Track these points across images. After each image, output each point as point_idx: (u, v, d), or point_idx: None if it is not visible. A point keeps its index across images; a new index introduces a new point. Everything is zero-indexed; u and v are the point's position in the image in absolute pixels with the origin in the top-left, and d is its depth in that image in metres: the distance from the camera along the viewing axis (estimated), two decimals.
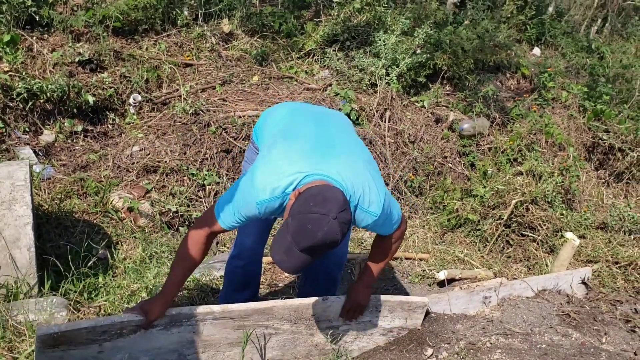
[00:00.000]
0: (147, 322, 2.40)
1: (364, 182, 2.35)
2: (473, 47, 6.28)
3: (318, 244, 2.06)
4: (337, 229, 2.06)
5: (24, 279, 3.04)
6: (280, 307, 2.67)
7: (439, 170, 5.48)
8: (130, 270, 3.50)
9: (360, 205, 2.33)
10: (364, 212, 2.35)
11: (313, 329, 2.80)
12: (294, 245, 2.07)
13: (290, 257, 2.10)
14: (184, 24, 5.80)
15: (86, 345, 2.32)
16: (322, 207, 2.06)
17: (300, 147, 2.37)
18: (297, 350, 2.81)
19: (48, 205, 3.84)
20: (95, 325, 2.32)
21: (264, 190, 2.24)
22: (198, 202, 4.49)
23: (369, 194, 2.34)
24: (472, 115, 5.99)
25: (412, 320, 3.00)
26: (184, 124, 4.85)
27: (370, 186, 2.36)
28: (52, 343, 2.25)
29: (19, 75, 4.55)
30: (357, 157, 2.45)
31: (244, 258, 3.00)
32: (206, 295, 3.42)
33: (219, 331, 2.59)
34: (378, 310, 2.90)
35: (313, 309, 2.75)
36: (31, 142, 4.42)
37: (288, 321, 2.72)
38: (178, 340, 2.52)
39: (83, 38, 5.26)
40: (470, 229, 4.80)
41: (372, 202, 2.34)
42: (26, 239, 3.04)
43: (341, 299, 2.81)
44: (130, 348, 2.42)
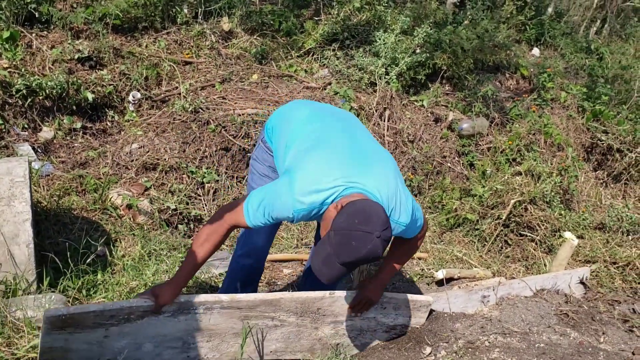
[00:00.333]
0: (156, 306, 2.42)
1: (395, 195, 2.41)
2: (472, 47, 6.29)
3: (360, 259, 2.14)
4: (379, 246, 2.13)
5: (23, 275, 3.03)
6: (287, 299, 2.68)
7: (437, 170, 5.49)
8: (129, 267, 3.50)
9: (392, 216, 2.40)
10: (394, 223, 2.41)
11: (318, 322, 2.80)
12: (335, 257, 2.14)
13: (329, 269, 2.17)
14: (183, 22, 5.80)
15: (93, 328, 2.34)
16: (367, 225, 2.12)
17: (337, 157, 2.41)
18: (300, 343, 2.82)
19: (47, 202, 3.83)
20: (103, 309, 2.33)
21: (302, 199, 2.29)
22: (197, 199, 4.49)
23: (400, 205, 2.41)
24: (472, 115, 6.00)
25: (415, 319, 3.01)
26: (183, 122, 4.85)
27: (401, 197, 2.43)
28: (59, 325, 2.27)
29: (19, 72, 4.54)
30: (387, 167, 2.50)
31: (253, 256, 3.03)
32: (204, 292, 3.42)
33: (225, 321, 2.60)
34: (383, 307, 2.90)
35: (320, 302, 2.75)
36: (30, 138, 4.41)
37: (294, 314, 2.72)
38: (184, 328, 2.54)
39: (82, 35, 5.25)
40: (468, 229, 4.81)
41: (402, 213, 2.42)
42: (25, 235, 3.04)
43: (349, 294, 2.81)
44: (136, 334, 2.44)
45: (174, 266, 3.59)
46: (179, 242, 3.99)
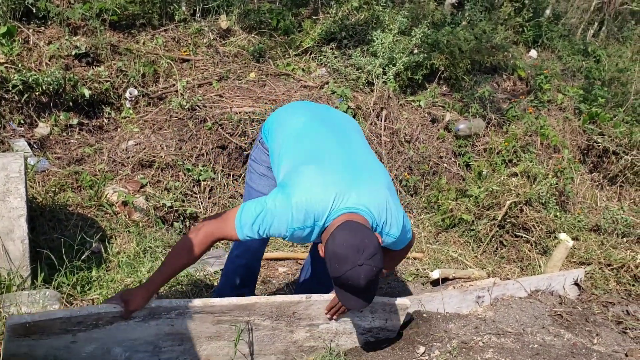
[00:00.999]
0: (126, 312, 2.35)
1: (387, 208, 2.46)
2: (470, 48, 6.29)
3: (367, 288, 2.29)
4: (370, 267, 2.25)
5: (17, 271, 3.03)
6: (262, 304, 2.65)
7: (434, 170, 5.49)
8: (123, 264, 3.49)
9: (383, 229, 2.47)
10: (385, 235, 2.49)
11: (293, 326, 2.79)
12: (353, 299, 2.37)
13: (359, 301, 2.38)
14: (181, 19, 5.79)
15: (59, 335, 2.28)
16: (346, 263, 2.24)
17: (331, 174, 2.45)
18: (274, 346, 2.80)
19: (42, 198, 3.82)
20: (70, 315, 2.28)
21: (298, 218, 2.33)
22: (193, 197, 4.48)
23: (391, 219, 2.47)
24: (468, 115, 6.01)
25: (392, 322, 2.98)
26: (180, 119, 4.84)
27: (392, 212, 2.48)
28: (23, 332, 2.20)
29: (15, 67, 4.53)
30: (380, 182, 2.54)
31: (248, 257, 3.03)
32: (200, 290, 3.42)
33: (198, 325, 2.56)
34: (360, 311, 2.89)
35: (295, 306, 2.74)
36: (26, 134, 4.40)
37: (269, 317, 2.71)
38: (155, 333, 2.49)
39: (80, 31, 5.23)
40: (464, 229, 4.82)
41: (392, 226, 2.48)
42: (20, 231, 3.03)
43: (325, 297, 2.80)
44: (105, 339, 2.39)
45: None
46: (174, 239, 3.98)
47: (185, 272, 3.51)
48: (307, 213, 2.33)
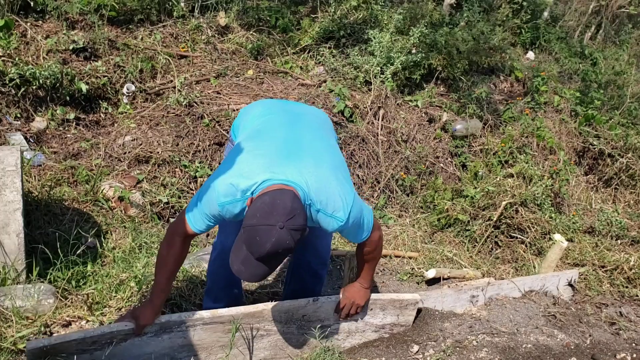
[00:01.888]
0: (138, 328, 2.44)
1: (328, 188, 2.35)
2: (468, 48, 6.30)
3: (270, 253, 2.11)
4: (286, 237, 2.10)
5: (12, 264, 3.03)
6: (270, 310, 2.69)
7: (430, 170, 5.50)
8: (119, 259, 3.49)
9: (323, 210, 2.35)
10: (329, 217, 2.36)
11: (304, 328, 2.82)
12: (250, 255, 2.13)
13: (248, 267, 2.16)
14: (180, 15, 5.78)
15: (77, 355, 2.33)
16: (269, 218, 2.10)
17: (265, 151, 2.40)
18: (289, 349, 2.82)
19: (38, 192, 3.82)
20: (84, 336, 2.34)
21: (224, 193, 2.28)
22: (189, 193, 4.47)
23: (334, 199, 2.35)
24: (465, 116, 6.02)
25: (404, 317, 3.02)
26: (177, 116, 4.84)
27: (335, 191, 2.36)
28: (42, 356, 2.26)
29: (12, 61, 4.52)
30: (323, 161, 2.45)
31: (225, 258, 2.98)
32: (195, 286, 3.41)
33: (210, 335, 2.61)
34: (370, 308, 2.92)
35: (304, 310, 2.77)
36: (22, 128, 4.39)
37: (279, 322, 2.74)
38: (169, 346, 2.54)
39: (78, 26, 5.23)
40: (459, 229, 4.83)
41: (336, 208, 2.35)
42: (15, 224, 3.03)
43: (332, 298, 2.83)
44: (122, 355, 2.44)
45: None
46: None
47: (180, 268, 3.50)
48: (231, 188, 2.27)
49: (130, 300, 3.13)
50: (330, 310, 2.84)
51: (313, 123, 2.75)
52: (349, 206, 2.37)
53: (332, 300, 2.84)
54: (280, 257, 2.18)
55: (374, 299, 2.92)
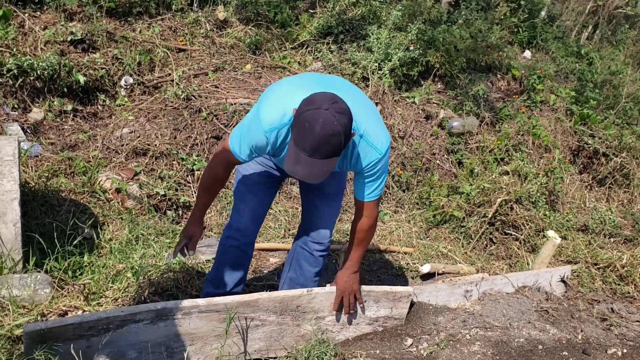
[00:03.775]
0: (193, 244, 2.79)
1: (372, 117, 2.40)
2: (466, 46, 6.33)
3: (320, 138, 2.10)
4: (333, 118, 2.10)
5: (9, 254, 3.04)
6: (265, 300, 2.71)
7: (426, 167, 5.53)
8: (116, 250, 3.50)
9: (366, 137, 2.36)
10: (370, 146, 2.38)
11: (299, 320, 2.83)
12: (301, 152, 2.14)
13: (302, 165, 2.16)
14: (178, 9, 5.78)
15: (73, 340, 2.34)
16: (312, 104, 2.13)
17: (305, 85, 2.39)
18: (284, 341, 2.84)
19: (35, 182, 3.82)
20: (81, 321, 2.35)
21: (271, 118, 2.32)
22: (186, 186, 4.49)
23: (376, 129, 2.39)
24: (462, 113, 6.05)
25: (397, 310, 3.05)
26: (175, 109, 4.85)
27: (379, 125, 2.42)
28: (39, 339, 2.27)
29: (10, 52, 4.52)
30: (365, 100, 2.52)
31: (239, 238, 2.96)
32: (191, 278, 3.43)
33: (206, 324, 2.62)
34: (364, 300, 2.94)
35: (298, 300, 2.79)
36: (20, 119, 4.39)
37: (274, 313, 2.75)
38: (165, 334, 2.55)
39: (76, 17, 5.22)
40: (455, 226, 4.86)
41: (379, 140, 2.38)
42: (13, 214, 3.04)
43: (326, 290, 2.85)
44: (118, 342, 2.45)
45: (161, 251, 3.60)
46: (167, 227, 3.99)
47: (177, 259, 3.52)
48: (278, 112, 2.30)
49: (127, 291, 3.15)
50: (325, 302, 2.85)
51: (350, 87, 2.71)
52: (387, 142, 2.41)
53: (326, 291, 2.85)
54: (329, 146, 2.13)
55: (367, 290, 2.94)
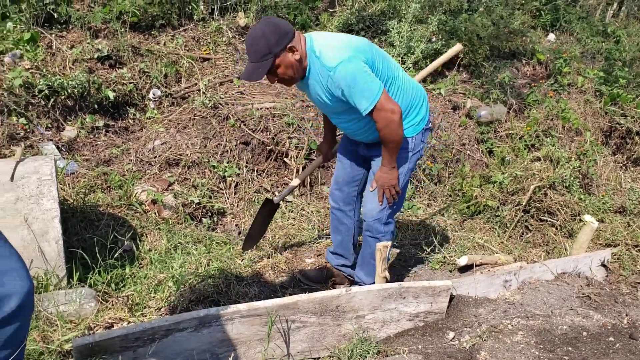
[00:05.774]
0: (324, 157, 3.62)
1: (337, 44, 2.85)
2: (488, 34, 6.27)
3: (248, 42, 2.75)
4: (260, 26, 2.74)
5: (53, 271, 3.11)
6: (304, 301, 2.74)
7: (457, 158, 5.50)
8: (156, 260, 3.57)
9: (320, 57, 2.82)
10: (322, 66, 2.82)
11: (339, 319, 2.86)
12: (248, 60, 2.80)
13: (245, 69, 2.79)
14: (200, 19, 5.85)
15: (121, 352, 2.40)
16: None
17: None
18: (325, 341, 2.87)
19: (73, 199, 3.92)
20: (127, 333, 2.41)
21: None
22: (219, 193, 4.55)
23: (331, 52, 2.81)
24: (489, 102, 5.99)
25: (437, 305, 3.05)
26: (203, 118, 4.91)
27: (340, 48, 2.82)
28: (88, 353, 2.34)
29: (40, 72, 4.63)
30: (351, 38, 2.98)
31: (330, 202, 3.61)
32: (230, 283, 3.48)
33: (248, 328, 2.66)
34: (403, 297, 2.95)
35: (337, 300, 2.82)
36: (54, 138, 4.50)
37: (314, 314, 2.78)
38: (209, 341, 2.60)
39: (101, 34, 5.33)
40: (489, 216, 4.82)
41: (329, 58, 2.80)
42: (54, 231, 3.11)
43: (364, 289, 2.87)
44: (164, 352, 2.50)
45: (200, 258, 3.66)
46: (203, 235, 4.06)
47: (216, 265, 3.59)
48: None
49: (169, 300, 3.21)
50: (364, 300, 2.87)
51: None
52: (340, 60, 2.77)
53: (364, 290, 2.87)
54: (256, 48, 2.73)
55: (406, 286, 2.95)
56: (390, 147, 2.99)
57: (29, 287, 1.75)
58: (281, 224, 4.45)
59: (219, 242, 4.02)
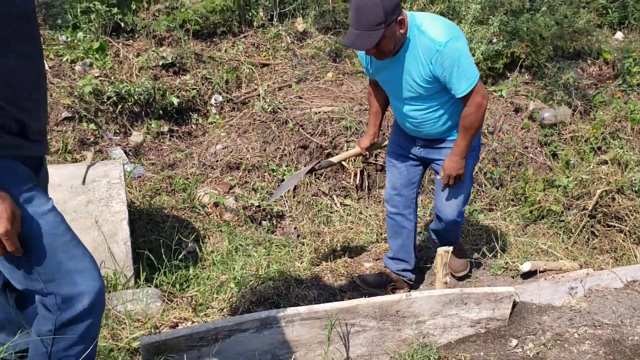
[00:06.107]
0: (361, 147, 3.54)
1: (438, 20, 2.87)
2: (552, 33, 6.10)
3: (359, 9, 2.64)
4: None
5: (122, 271, 3.23)
6: (364, 305, 2.74)
7: (519, 161, 5.37)
8: (218, 262, 3.66)
9: (424, 30, 2.82)
10: (428, 39, 2.80)
11: (399, 324, 2.85)
12: (352, 27, 2.71)
13: (350, 36, 2.71)
14: (259, 25, 5.95)
15: (186, 351, 2.47)
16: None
17: None
18: (385, 345, 2.86)
19: (139, 202, 4.06)
20: (192, 332, 2.48)
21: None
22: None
23: (437, 27, 2.82)
24: (553, 103, 5.83)
25: (499, 311, 2.99)
26: (263, 122, 4.99)
27: (443, 24, 2.85)
28: (155, 351, 2.42)
29: (109, 80, 4.83)
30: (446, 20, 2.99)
31: (387, 207, 3.61)
32: (290, 285, 3.52)
33: (308, 331, 2.69)
34: (464, 303, 2.91)
35: (397, 305, 2.81)
36: (121, 142, 4.68)
37: (373, 318, 2.78)
38: (270, 342, 2.64)
39: (165, 42, 5.50)
40: (553, 220, 4.69)
41: (437, 33, 2.79)
42: (123, 233, 3.24)
43: (424, 294, 2.85)
44: (227, 352, 2.55)
45: (260, 260, 3.72)
46: (263, 237, 4.12)
47: (276, 267, 3.64)
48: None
49: (230, 301, 3.28)
50: (425, 306, 2.85)
51: None
52: (449, 36, 2.78)
53: (425, 295, 2.85)
54: (370, 15, 2.63)
55: (468, 292, 2.91)
56: (469, 135, 3.04)
57: (100, 287, 1.83)
58: (339, 227, 4.47)
59: (278, 245, 4.07)
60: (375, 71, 3.14)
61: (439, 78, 2.88)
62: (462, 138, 3.06)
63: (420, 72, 2.90)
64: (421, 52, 2.84)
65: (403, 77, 2.97)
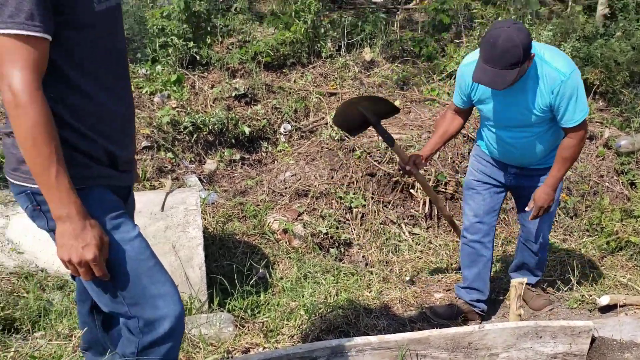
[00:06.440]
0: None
1: (554, 51, 2.95)
2: (627, 59, 5.93)
3: (501, 49, 2.65)
4: (513, 33, 2.65)
5: (197, 295, 3.32)
6: (436, 337, 2.72)
7: (594, 190, 5.20)
8: (287, 288, 3.70)
9: (546, 60, 2.87)
10: (551, 69, 2.85)
11: (471, 356, 2.79)
12: (485, 64, 2.71)
13: (487, 74, 2.71)
14: (328, 56, 6.08)
15: None
16: (496, 25, 2.74)
17: None
18: None
19: (213, 227, 4.18)
20: (264, 358, 2.54)
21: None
22: (346, 224, 4.63)
23: (558, 57, 2.89)
24: (630, 130, 5.63)
25: (577, 346, 2.89)
26: (330, 150, 5.06)
27: (561, 55, 2.93)
28: None
29: (185, 111, 5.03)
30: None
31: (467, 235, 3.54)
32: (359, 313, 3.52)
33: None
34: (539, 336, 2.83)
35: (470, 337, 2.76)
36: (196, 170, 4.85)
37: (445, 350, 2.74)
38: None
39: (238, 74, 5.69)
40: (632, 252, 4.49)
41: (560, 64, 2.86)
42: (198, 258, 3.33)
43: (498, 326, 2.80)
44: None
45: (328, 288, 3.73)
46: (331, 265, 4.14)
47: (345, 296, 3.65)
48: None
49: (300, 328, 3.31)
50: (498, 338, 2.79)
51: None
52: (571, 68, 2.86)
53: (499, 327, 2.79)
54: (510, 55, 2.66)
55: (543, 325, 2.84)
56: (565, 167, 3.10)
57: (181, 311, 1.89)
58: (408, 257, 4.44)
59: (346, 273, 4.08)
60: (481, 99, 3.13)
61: (553, 107, 2.91)
62: (559, 170, 3.10)
63: (538, 101, 2.92)
64: (542, 80, 2.87)
65: (516, 106, 2.98)
